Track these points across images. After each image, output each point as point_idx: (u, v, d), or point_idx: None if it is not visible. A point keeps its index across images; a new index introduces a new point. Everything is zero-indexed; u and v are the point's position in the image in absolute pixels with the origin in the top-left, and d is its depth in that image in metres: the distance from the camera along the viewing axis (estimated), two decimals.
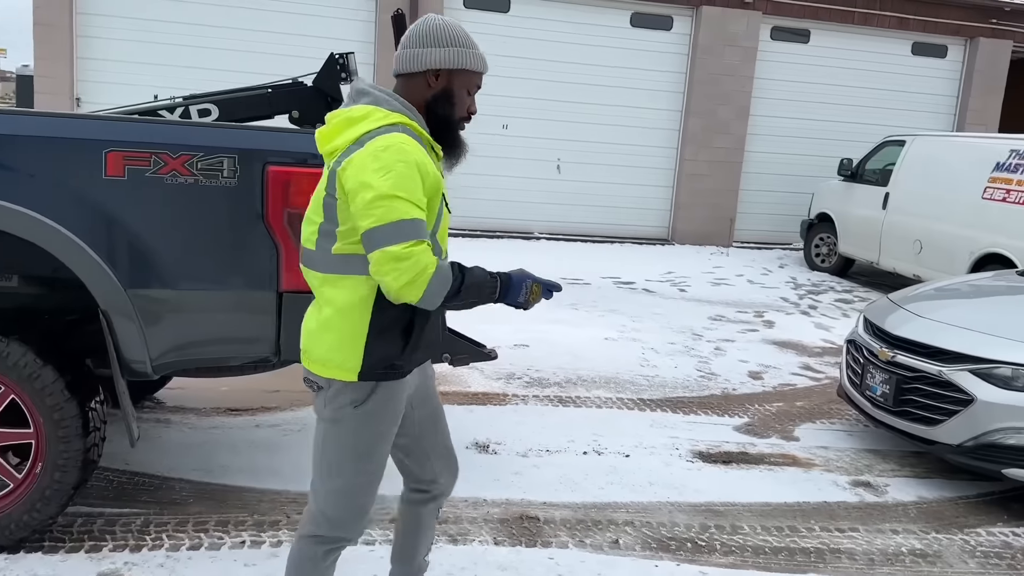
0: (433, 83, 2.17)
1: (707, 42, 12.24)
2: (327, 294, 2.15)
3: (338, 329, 2.13)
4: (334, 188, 2.08)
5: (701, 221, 12.69)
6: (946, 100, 13.45)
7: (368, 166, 2.00)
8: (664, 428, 4.91)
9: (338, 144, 2.10)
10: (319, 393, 2.20)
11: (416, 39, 2.17)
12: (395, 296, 2.03)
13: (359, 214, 2.01)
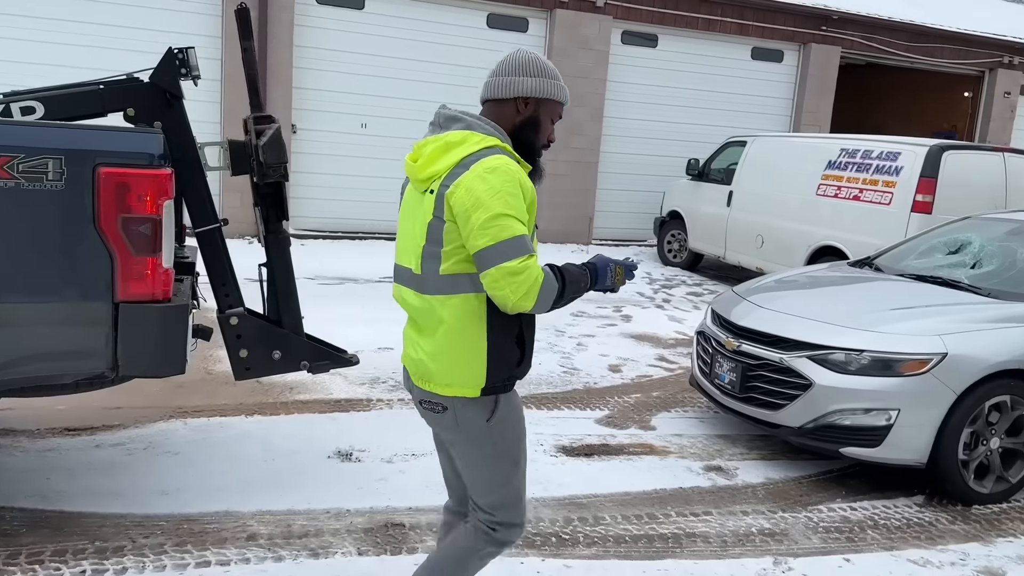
0: (522, 109, 2.32)
1: (562, 44, 12.49)
2: (438, 315, 2.22)
3: (457, 348, 2.21)
4: (442, 211, 2.17)
5: (562, 220, 12.94)
6: (783, 102, 14.35)
7: (478, 188, 2.11)
8: (529, 425, 4.87)
9: (439, 169, 2.20)
10: (443, 415, 2.28)
11: (509, 68, 2.32)
12: (511, 308, 2.13)
13: (473, 234, 2.10)
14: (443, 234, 2.17)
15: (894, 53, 14.81)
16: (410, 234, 2.28)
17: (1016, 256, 5.10)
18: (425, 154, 2.25)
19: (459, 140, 2.22)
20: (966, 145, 8.90)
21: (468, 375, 2.22)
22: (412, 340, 2.35)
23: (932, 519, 4.08)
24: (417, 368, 2.32)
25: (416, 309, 2.29)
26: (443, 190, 2.16)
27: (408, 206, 2.36)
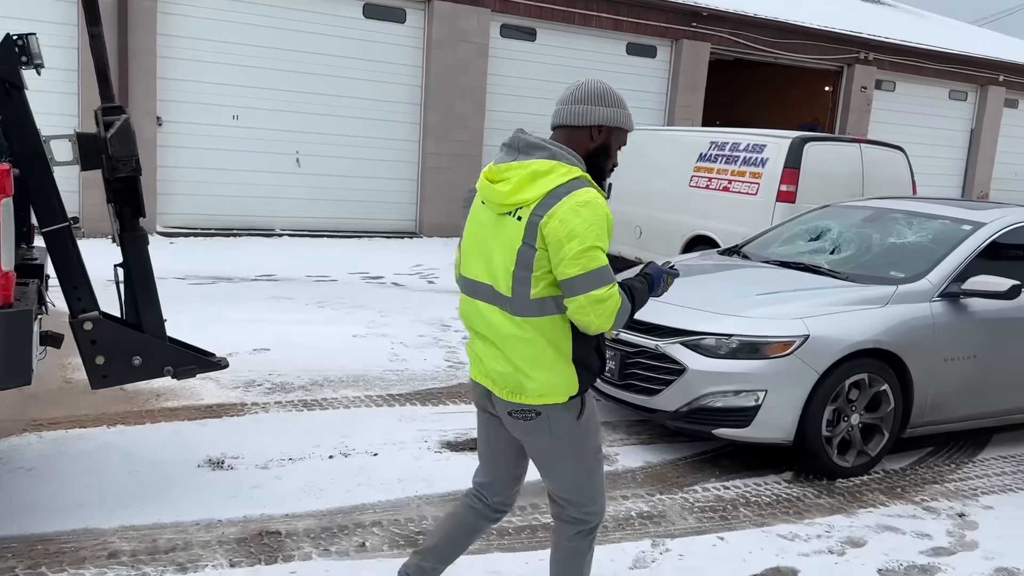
0: (596, 136, 2.46)
1: (441, 36, 12.41)
2: (530, 334, 2.37)
3: (549, 363, 2.39)
4: (533, 239, 2.31)
5: (447, 213, 12.86)
6: (657, 97, 14.78)
7: (572, 220, 2.26)
8: (414, 422, 4.89)
9: (527, 198, 2.32)
10: (535, 421, 2.45)
11: (584, 97, 2.45)
12: (593, 331, 2.36)
13: (565, 262, 2.27)
14: (533, 260, 2.32)
15: (760, 49, 15.50)
16: (489, 253, 2.42)
17: (871, 241, 5.42)
18: (512, 181, 2.35)
19: (547, 170, 2.34)
20: (826, 137, 9.39)
21: (559, 385, 2.41)
22: (493, 355, 2.46)
23: (800, 494, 4.28)
24: (505, 382, 2.45)
25: (501, 327, 2.42)
26: (535, 219, 2.30)
27: (483, 224, 2.47)
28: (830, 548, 3.70)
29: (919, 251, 5.06)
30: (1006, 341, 4.87)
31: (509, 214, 2.36)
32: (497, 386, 2.47)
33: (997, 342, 4.84)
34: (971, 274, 4.73)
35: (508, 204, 2.36)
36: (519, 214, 2.34)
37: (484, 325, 2.46)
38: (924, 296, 4.65)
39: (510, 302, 2.37)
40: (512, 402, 2.45)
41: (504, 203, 2.37)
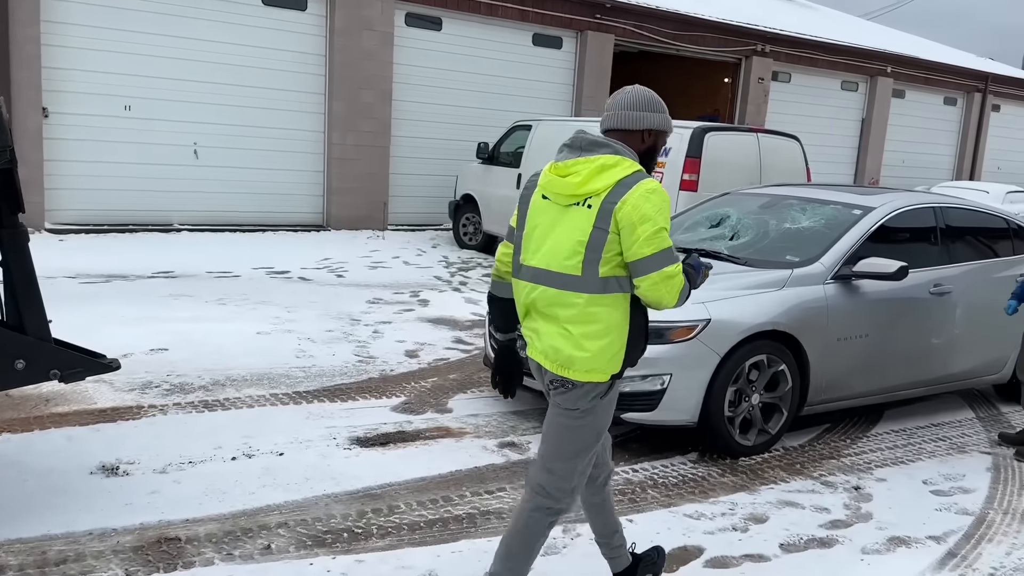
0: (647, 139, 2.71)
1: (343, 25, 12.16)
2: (592, 312, 2.57)
3: (606, 342, 2.58)
4: (606, 223, 2.53)
5: (355, 206, 12.67)
6: (564, 88, 14.90)
7: (643, 205, 2.50)
8: (321, 419, 4.79)
9: (597, 187, 2.55)
10: (569, 391, 2.62)
11: (637, 104, 2.70)
12: (662, 306, 2.59)
13: (639, 243, 2.49)
14: (604, 243, 2.53)
15: (662, 41, 15.82)
16: (556, 240, 2.61)
17: (768, 227, 5.59)
18: (582, 173, 2.57)
19: (613, 163, 2.57)
20: (725, 126, 9.66)
21: (606, 364, 2.60)
22: (552, 333, 2.63)
23: (704, 474, 4.40)
24: (558, 355, 2.61)
25: (566, 306, 2.59)
26: (608, 206, 2.53)
27: (544, 214, 2.67)
28: (734, 525, 3.81)
29: (813, 236, 5.25)
30: (895, 320, 5.12)
31: (577, 204, 2.59)
32: (549, 360, 2.65)
33: (887, 321, 5.08)
34: (863, 257, 4.95)
35: (578, 195, 2.58)
36: (589, 203, 2.57)
37: (547, 306, 2.64)
38: (818, 279, 4.84)
39: (579, 281, 2.57)
40: (556, 375, 2.64)
41: (574, 194, 2.59)
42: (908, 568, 3.50)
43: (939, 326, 5.34)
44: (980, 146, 22.21)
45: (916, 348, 5.26)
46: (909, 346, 5.23)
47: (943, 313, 5.33)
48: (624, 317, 2.61)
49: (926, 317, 5.27)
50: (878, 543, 3.73)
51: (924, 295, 5.22)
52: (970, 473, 4.65)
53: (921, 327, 5.26)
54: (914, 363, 5.29)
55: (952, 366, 5.49)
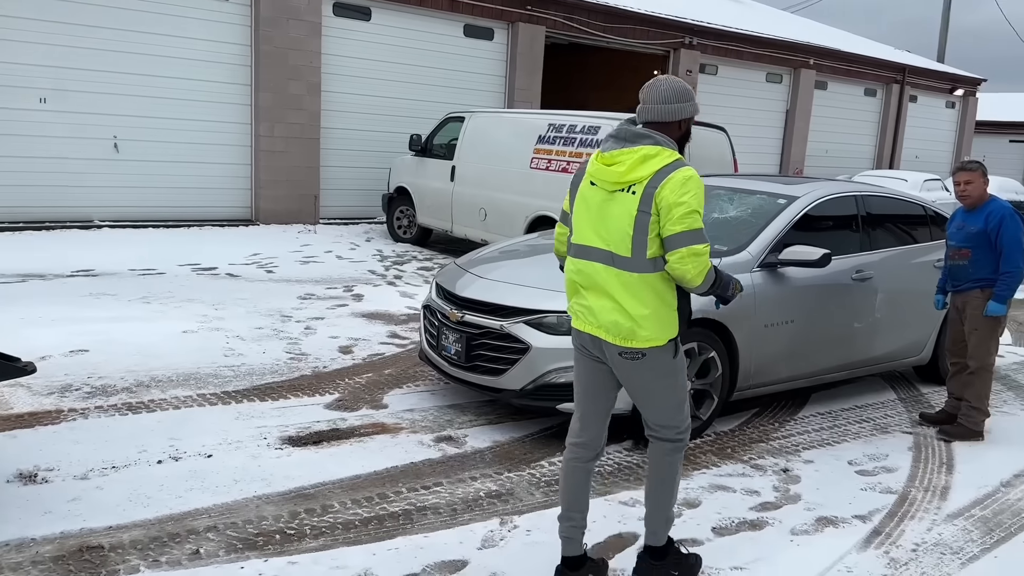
0: (682, 127, 2.99)
1: (269, 14, 11.88)
2: (643, 288, 2.88)
3: (657, 311, 2.90)
4: (648, 206, 2.82)
5: (285, 199, 12.42)
6: (497, 79, 14.87)
7: (680, 189, 2.79)
8: (251, 419, 4.68)
9: (640, 175, 2.84)
10: (641, 360, 2.96)
11: (671, 96, 2.94)
12: (687, 281, 2.87)
13: (672, 221, 2.79)
14: (648, 225, 2.83)
15: (592, 33, 15.93)
16: (605, 223, 2.92)
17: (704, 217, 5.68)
18: (626, 163, 2.86)
19: (654, 154, 2.85)
20: None
21: (663, 330, 2.93)
22: (609, 308, 2.93)
23: (639, 461, 4.45)
24: (619, 330, 2.92)
25: (619, 283, 2.90)
26: (650, 190, 2.82)
27: (592, 200, 2.97)
28: None
29: (740, 225, 5.35)
30: (820, 306, 5.26)
31: (623, 190, 2.88)
32: (610, 334, 2.94)
33: (812, 307, 5.22)
34: (790, 245, 5.06)
35: (623, 182, 2.87)
36: (633, 189, 2.85)
37: (600, 283, 2.94)
38: (745, 267, 4.94)
39: (629, 261, 2.88)
40: (623, 346, 2.92)
41: (619, 181, 2.88)
42: (835, 547, 3.61)
43: (861, 311, 5.51)
44: (899, 136, 23.05)
45: (840, 333, 5.42)
46: (833, 331, 5.39)
47: (865, 298, 5.51)
48: (672, 290, 2.94)
49: (849, 302, 5.44)
50: (806, 524, 3.83)
51: (847, 281, 5.39)
52: (893, 453, 4.82)
53: (844, 312, 5.43)
54: (838, 347, 5.45)
55: (875, 349, 5.68)
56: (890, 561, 3.50)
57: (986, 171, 5.17)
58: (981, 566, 3.51)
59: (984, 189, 5.10)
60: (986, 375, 5.12)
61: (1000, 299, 4.95)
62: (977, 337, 5.07)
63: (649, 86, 2.99)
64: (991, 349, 5.10)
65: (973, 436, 5.10)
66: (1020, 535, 3.82)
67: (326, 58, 12.63)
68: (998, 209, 4.99)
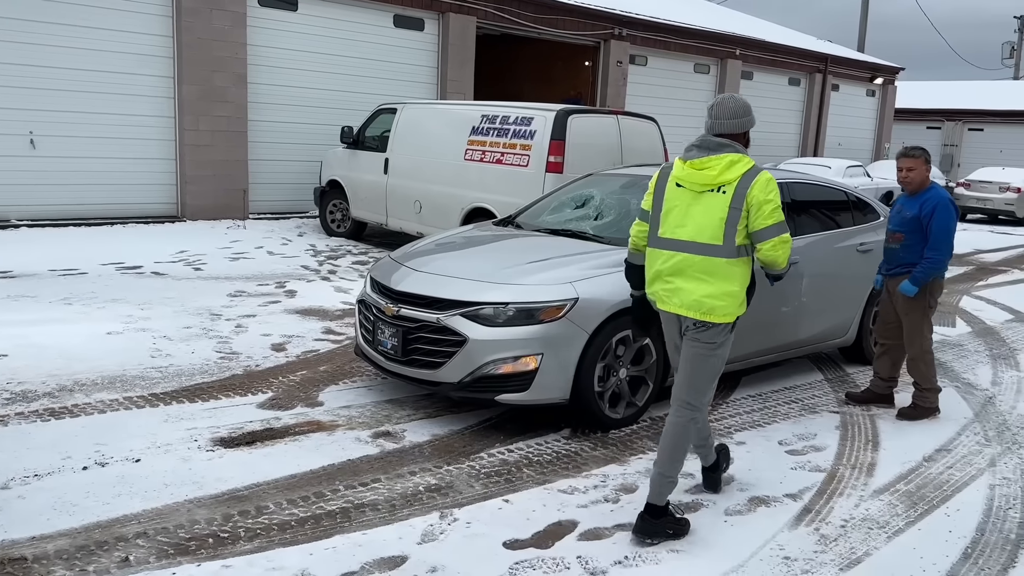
0: (746, 136, 3.59)
1: (191, 4, 11.54)
2: (730, 271, 3.43)
3: (735, 293, 3.46)
4: (740, 203, 3.37)
5: (213, 194, 12.11)
6: (428, 70, 14.76)
7: (765, 189, 3.38)
8: (181, 421, 4.55)
9: (730, 177, 3.39)
10: (707, 330, 3.48)
11: (740, 111, 3.54)
12: (777, 265, 3.51)
13: (764, 216, 3.38)
14: (738, 219, 3.39)
15: (524, 24, 15.93)
16: (695, 218, 3.45)
17: (630, 206, 5.74)
18: (716, 168, 3.42)
19: (738, 159, 3.43)
20: (586, 109, 9.83)
21: (736, 308, 3.50)
22: (692, 289, 3.47)
23: (577, 449, 4.49)
24: (700, 306, 3.46)
25: (708, 272, 3.44)
26: (741, 190, 3.38)
27: (680, 198, 3.52)
28: (606, 497, 3.91)
29: None
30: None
31: (712, 190, 3.42)
32: (692, 311, 3.48)
33: None
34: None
35: (714, 184, 3.42)
36: (724, 189, 3.40)
37: (687, 269, 3.47)
38: None
39: (720, 249, 3.41)
40: (699, 320, 3.47)
41: (710, 183, 3.42)
42: (768, 526, 3.70)
43: (789, 295, 5.65)
44: (822, 124, 23.73)
45: (768, 317, 5.54)
46: (762, 315, 5.49)
47: (792, 283, 5.64)
48: (747, 275, 3.51)
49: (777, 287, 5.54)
50: (740, 504, 3.92)
51: None
52: (821, 432, 4.97)
53: (772, 296, 5.54)
54: (767, 331, 5.58)
55: (802, 332, 5.84)
56: (820, 538, 3.61)
57: (929, 158, 5.29)
58: (906, 539, 3.65)
59: (926, 176, 5.21)
60: (927, 356, 5.28)
61: (914, 280, 5.11)
62: (909, 321, 5.24)
63: (718, 104, 3.55)
64: (925, 331, 5.26)
65: (931, 414, 5.28)
66: (942, 507, 3.99)
67: (252, 49, 12.34)
68: (934, 197, 5.11)
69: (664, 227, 3.53)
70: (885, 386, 5.52)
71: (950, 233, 5.09)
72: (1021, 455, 4.73)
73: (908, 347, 5.30)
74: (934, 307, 5.30)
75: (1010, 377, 6.40)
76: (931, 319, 5.33)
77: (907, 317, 5.24)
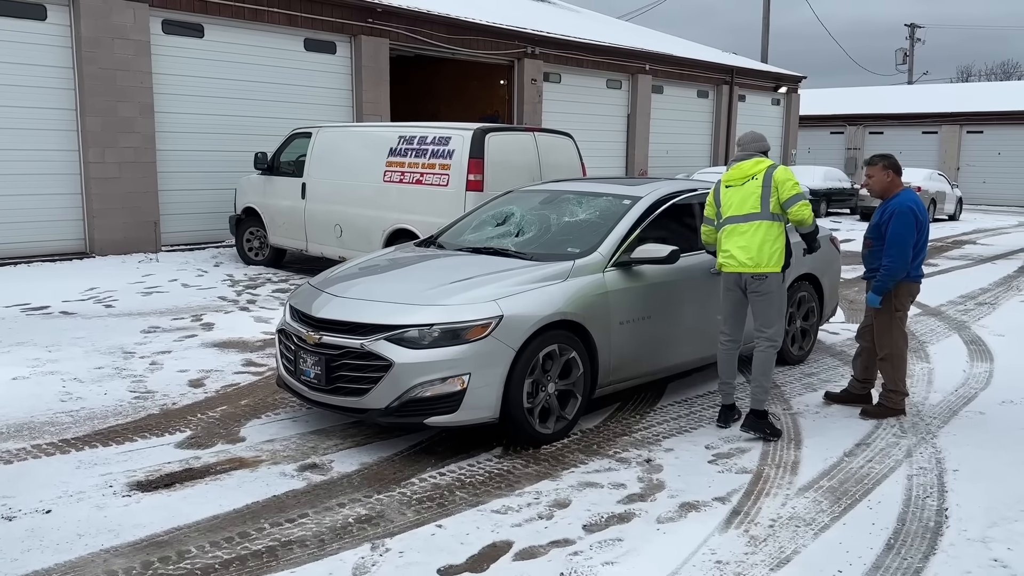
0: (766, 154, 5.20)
1: (92, 35, 11.17)
2: (768, 231, 4.95)
3: (774, 248, 4.96)
4: (768, 184, 4.97)
5: (122, 228, 11.70)
6: (343, 93, 14.63)
7: (784, 174, 5.00)
8: (95, 466, 4.34)
9: (757, 170, 5.04)
10: (764, 280, 4.96)
11: (758, 138, 5.25)
12: (804, 222, 5.04)
13: (788, 188, 4.94)
14: (769, 195, 4.94)
15: (437, 45, 15.98)
16: (742, 200, 5.01)
17: (550, 222, 5.78)
18: (747, 165, 5.08)
19: (761, 159, 5.10)
20: (504, 127, 9.89)
21: (778, 262, 4.97)
22: (746, 248, 4.95)
23: (509, 467, 4.46)
24: (755, 263, 4.93)
25: (753, 232, 4.95)
26: (768, 177, 4.99)
27: (731, 193, 5.07)
28: (540, 514, 3.89)
29: (590, 227, 5.49)
30: (672, 301, 5.46)
31: (747, 181, 5.02)
32: (747, 267, 4.93)
33: (665, 303, 5.41)
34: (645, 242, 5.23)
35: (747, 175, 5.04)
36: (755, 177, 5.01)
37: (740, 234, 4.97)
38: (597, 267, 5.07)
39: (759, 214, 4.94)
40: (756, 273, 4.93)
41: (745, 175, 5.04)
42: (698, 531, 3.74)
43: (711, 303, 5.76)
44: (731, 133, 24.48)
45: (692, 325, 5.64)
46: (685, 324, 5.60)
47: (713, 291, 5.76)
48: (783, 234, 5.00)
49: (701, 296, 5.65)
50: (671, 511, 3.96)
51: (699, 276, 5.60)
52: (745, 434, 5.07)
53: (695, 306, 5.65)
54: (691, 339, 5.67)
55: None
56: (750, 539, 3.67)
57: (891, 164, 5.37)
58: (832, 534, 3.74)
59: (886, 183, 5.35)
60: (897, 359, 5.39)
61: (876, 290, 5.29)
62: (879, 323, 5.39)
63: (743, 137, 5.26)
64: (894, 334, 5.38)
65: (896, 414, 5.41)
66: (864, 501, 4.11)
67: (158, 78, 12.01)
68: (895, 204, 5.25)
69: (725, 212, 5.04)
70: (861, 387, 5.67)
71: (903, 240, 5.16)
72: (936, 445, 4.92)
73: (878, 348, 5.44)
74: (903, 311, 5.41)
75: (921, 369, 6.67)
76: (903, 323, 5.44)
77: (877, 319, 5.40)
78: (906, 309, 5.45)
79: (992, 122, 31.29)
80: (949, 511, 3.99)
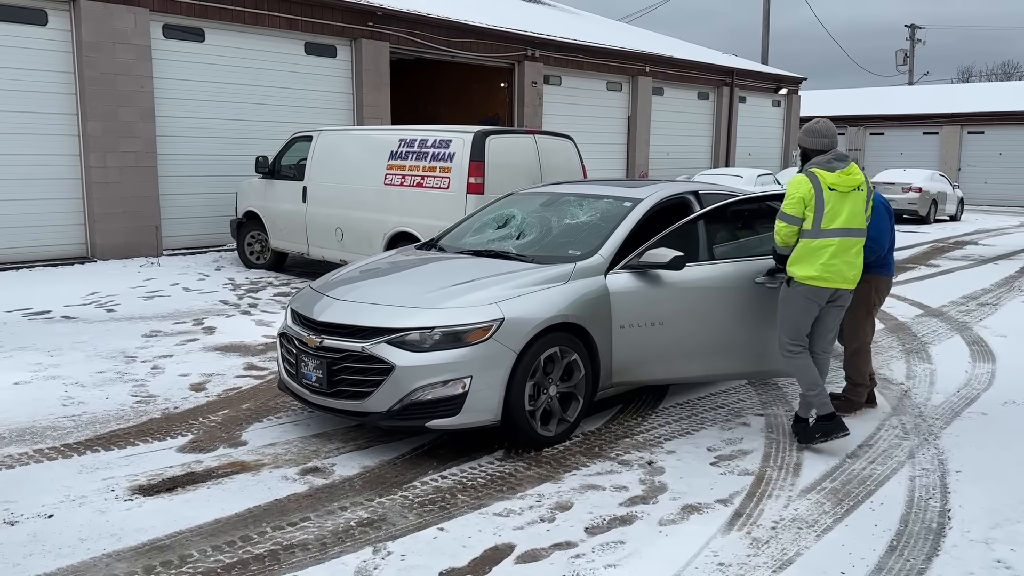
0: None
1: (92, 39, 11.18)
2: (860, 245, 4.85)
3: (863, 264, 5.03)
4: (869, 197, 4.90)
5: (123, 232, 11.71)
6: (343, 97, 14.64)
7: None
8: (96, 471, 4.34)
9: (860, 180, 4.79)
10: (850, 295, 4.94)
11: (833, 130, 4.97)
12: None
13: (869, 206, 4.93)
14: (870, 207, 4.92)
15: (437, 48, 15.98)
16: (847, 211, 4.72)
17: (551, 224, 5.78)
18: (853, 173, 4.79)
19: (856, 166, 4.85)
20: (504, 129, 9.90)
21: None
22: (853, 264, 4.79)
23: (511, 470, 4.46)
24: (855, 278, 4.83)
25: (859, 249, 4.80)
26: (871, 193, 4.90)
27: (836, 199, 4.72)
28: (542, 516, 3.88)
29: (591, 229, 5.48)
30: (679, 309, 5.20)
31: (855, 190, 4.75)
32: (848, 283, 4.79)
33: (671, 310, 5.19)
34: (651, 247, 5.07)
35: (855, 184, 4.76)
36: (860, 187, 4.78)
37: (847, 249, 4.73)
38: (598, 270, 5.05)
39: (863, 231, 4.81)
40: (843, 289, 4.82)
41: (853, 184, 4.76)
42: (701, 533, 3.74)
43: (726, 314, 5.69)
44: (732, 135, 24.49)
45: (702, 336, 5.49)
46: (693, 334, 5.43)
47: (728, 302, 5.64)
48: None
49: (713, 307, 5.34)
50: (673, 513, 3.95)
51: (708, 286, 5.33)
52: (747, 435, 5.07)
53: (705, 316, 5.50)
54: (699, 352, 5.53)
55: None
56: (752, 541, 3.67)
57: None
58: (834, 536, 3.74)
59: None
60: (864, 353, 5.45)
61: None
62: (853, 317, 5.38)
63: (827, 129, 4.85)
64: (866, 328, 5.44)
65: (857, 408, 5.46)
66: (867, 502, 4.11)
67: (159, 82, 12.02)
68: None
69: (827, 220, 4.70)
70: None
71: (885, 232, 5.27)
72: (938, 446, 4.92)
73: (848, 342, 5.47)
74: (879, 305, 5.50)
75: (923, 370, 6.67)
76: (874, 317, 5.53)
77: (851, 313, 5.38)
78: (882, 304, 5.55)
79: (993, 122, 31.28)
80: (952, 512, 3.99)
